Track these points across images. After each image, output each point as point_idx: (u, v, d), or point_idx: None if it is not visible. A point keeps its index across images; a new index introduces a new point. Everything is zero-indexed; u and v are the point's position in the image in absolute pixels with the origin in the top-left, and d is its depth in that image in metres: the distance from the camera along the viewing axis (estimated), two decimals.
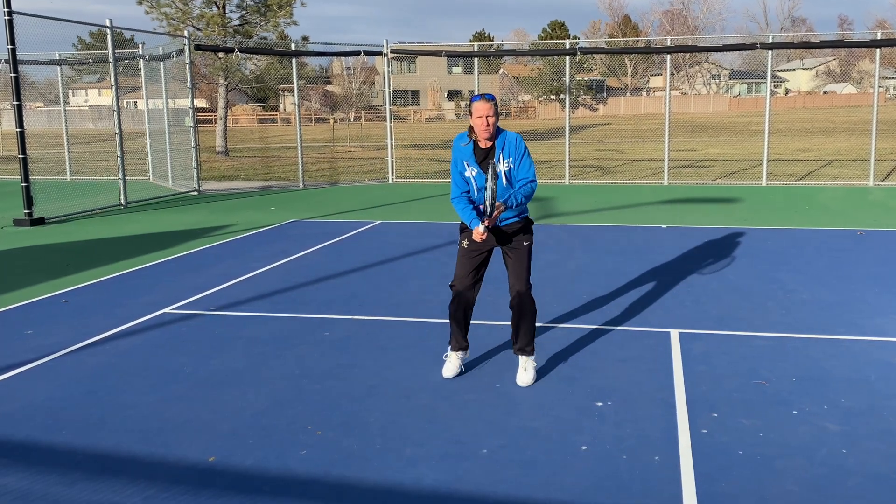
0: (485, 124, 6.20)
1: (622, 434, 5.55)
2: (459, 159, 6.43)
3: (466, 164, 6.38)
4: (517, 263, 6.50)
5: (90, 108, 76.06)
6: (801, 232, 13.64)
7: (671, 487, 4.77)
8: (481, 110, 6.20)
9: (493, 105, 6.23)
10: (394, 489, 4.81)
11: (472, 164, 6.36)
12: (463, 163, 6.41)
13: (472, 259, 6.53)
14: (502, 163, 6.30)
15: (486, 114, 6.19)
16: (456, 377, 6.71)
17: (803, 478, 4.87)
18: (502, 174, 6.29)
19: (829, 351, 7.29)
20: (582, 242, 12.90)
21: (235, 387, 6.60)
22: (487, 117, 6.19)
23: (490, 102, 6.22)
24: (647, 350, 7.39)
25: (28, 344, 7.85)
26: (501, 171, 6.29)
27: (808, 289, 9.61)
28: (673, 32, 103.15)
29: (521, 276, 6.49)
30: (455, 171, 6.49)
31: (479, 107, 6.22)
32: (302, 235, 14.00)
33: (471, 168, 6.37)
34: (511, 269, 6.54)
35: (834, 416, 5.79)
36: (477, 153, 6.38)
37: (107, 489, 4.83)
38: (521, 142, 6.39)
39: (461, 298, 6.60)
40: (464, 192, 6.48)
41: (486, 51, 30.20)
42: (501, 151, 6.31)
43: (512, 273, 6.54)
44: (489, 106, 6.20)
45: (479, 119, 6.21)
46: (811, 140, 37.83)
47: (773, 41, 21.71)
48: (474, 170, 6.35)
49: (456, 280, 6.59)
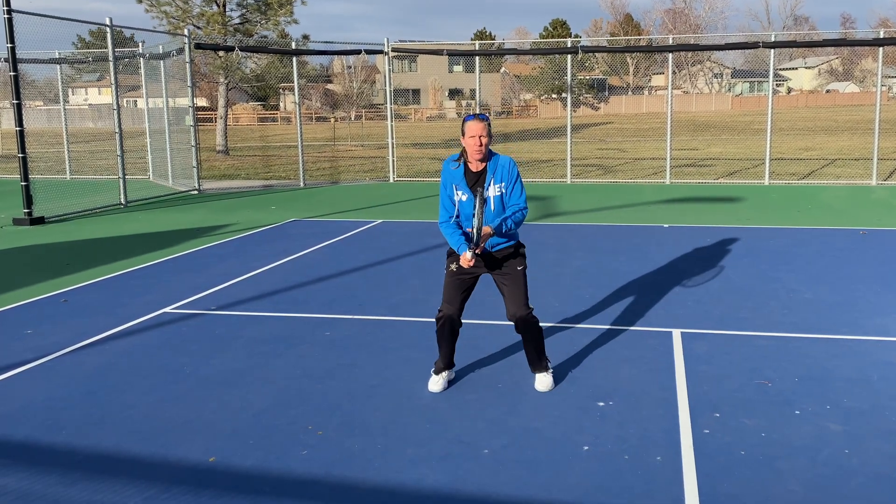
0: (478, 144, 6.01)
1: (624, 434, 5.55)
2: (449, 182, 6.25)
3: (455, 187, 6.20)
4: (513, 289, 6.28)
5: (90, 106, 76.03)
6: (803, 231, 13.64)
7: (673, 488, 4.78)
8: (474, 130, 6.02)
9: (487, 125, 6.04)
10: (395, 490, 4.82)
11: (461, 187, 6.17)
12: (452, 186, 6.22)
13: (459, 284, 6.34)
14: (493, 188, 6.12)
15: (480, 133, 6.00)
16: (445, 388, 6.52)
17: (806, 478, 4.87)
18: (491, 200, 6.12)
19: (831, 351, 7.28)
20: (583, 242, 12.89)
21: (236, 387, 6.60)
22: (481, 137, 6.00)
23: (484, 122, 6.03)
24: (649, 350, 7.39)
25: (27, 343, 7.86)
26: (491, 196, 6.11)
27: (810, 288, 9.60)
28: (675, 31, 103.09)
29: (518, 301, 6.26)
30: (444, 195, 6.30)
31: (473, 126, 6.02)
32: (302, 235, 14.00)
33: (460, 192, 6.18)
34: (507, 296, 6.32)
35: (836, 416, 5.79)
36: (468, 176, 6.19)
37: (107, 489, 4.83)
38: (515, 167, 6.19)
39: (448, 324, 6.38)
40: (452, 216, 6.29)
41: (487, 49, 30.22)
42: (493, 175, 6.12)
43: (509, 299, 6.31)
44: (483, 126, 6.01)
45: (472, 139, 6.02)
46: (814, 139, 37.81)
47: (776, 40, 21.71)
48: (464, 194, 6.16)
49: (443, 305, 6.36)
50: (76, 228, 15.26)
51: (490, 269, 6.33)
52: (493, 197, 6.12)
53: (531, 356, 6.49)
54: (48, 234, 14.55)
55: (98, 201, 18.81)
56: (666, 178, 22.11)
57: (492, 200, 6.12)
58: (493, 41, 72.44)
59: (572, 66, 23.27)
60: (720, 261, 11.19)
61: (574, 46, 23.21)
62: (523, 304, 6.26)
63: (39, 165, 29.03)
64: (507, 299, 6.32)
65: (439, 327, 6.41)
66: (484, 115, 6.12)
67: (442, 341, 6.46)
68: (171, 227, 15.19)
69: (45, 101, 52.48)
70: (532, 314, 6.31)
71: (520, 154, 32.46)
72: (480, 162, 6.14)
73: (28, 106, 28.68)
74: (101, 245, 13.36)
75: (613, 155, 32.23)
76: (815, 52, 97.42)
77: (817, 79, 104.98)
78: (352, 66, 76.80)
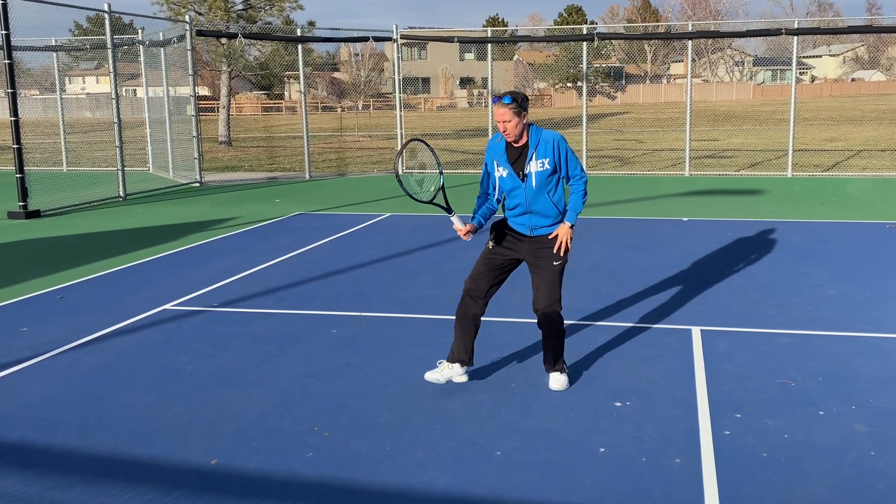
0: (503, 129, 6.05)
1: (642, 435, 5.54)
2: (490, 158, 6.30)
3: (497, 163, 6.24)
4: (543, 282, 6.27)
5: (87, 96, 76.21)
6: (827, 225, 13.60)
7: (693, 491, 4.76)
8: (497, 115, 6.05)
9: (511, 108, 5.98)
10: (405, 493, 4.81)
11: (502, 163, 6.20)
12: (493, 161, 6.27)
13: (490, 261, 6.36)
14: (534, 163, 6.12)
15: (503, 119, 6.01)
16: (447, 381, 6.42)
17: (831, 481, 4.85)
18: (533, 176, 6.13)
19: (856, 349, 7.26)
20: (599, 236, 12.88)
21: (239, 386, 6.61)
22: (504, 122, 6.01)
23: (507, 106, 5.98)
24: (667, 348, 7.38)
25: (22, 342, 7.87)
26: (533, 172, 6.12)
27: (834, 284, 9.58)
28: (694, 17, 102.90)
29: (545, 294, 6.24)
30: (484, 170, 6.38)
31: (497, 112, 6.06)
32: (308, 229, 14.01)
33: (501, 168, 6.21)
34: (536, 287, 6.31)
35: (862, 417, 5.78)
36: (510, 152, 6.22)
37: (105, 493, 4.84)
38: (561, 142, 6.16)
39: (467, 302, 6.34)
40: (486, 192, 6.39)
41: (499, 36, 30.17)
42: (535, 150, 6.13)
43: (537, 290, 6.30)
44: (505, 111, 5.99)
45: (499, 124, 6.06)
46: (838, 129, 37.71)
47: (799, 26, 21.65)
48: (504, 170, 6.19)
49: (469, 277, 6.40)
50: (73, 222, 15.29)
51: (527, 256, 6.33)
52: (534, 173, 6.14)
53: (548, 355, 6.48)
54: (44, 228, 14.58)
55: (96, 194, 18.84)
56: (685, 170, 22.06)
57: (533, 177, 6.14)
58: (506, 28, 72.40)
59: (588, 53, 23.23)
60: (741, 256, 11.16)
61: (590, 33, 23.18)
62: (550, 299, 6.25)
63: (35, 157, 29.07)
64: (535, 290, 6.33)
65: (460, 305, 6.40)
66: (509, 96, 6.02)
67: (456, 324, 6.42)
68: (171, 221, 15.21)
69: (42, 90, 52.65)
70: (557, 312, 6.29)
71: None
72: (516, 142, 6.18)
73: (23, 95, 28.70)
74: (98, 239, 13.39)
75: (631, 146, 32.20)
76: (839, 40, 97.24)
77: (842, 67, 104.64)
78: (359, 54, 76.86)
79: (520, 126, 6.08)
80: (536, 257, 6.30)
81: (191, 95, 21.87)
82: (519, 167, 6.16)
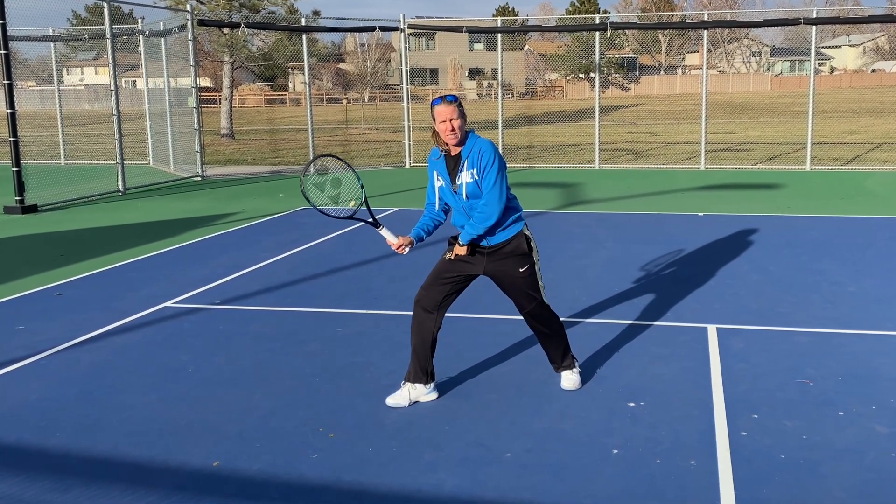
0: (449, 129, 5.90)
1: (656, 436, 5.53)
2: (432, 169, 6.22)
3: (437, 172, 6.16)
4: (515, 292, 6.19)
5: (86, 87, 76.31)
6: (847, 220, 13.58)
7: (708, 494, 4.76)
8: (444, 114, 5.90)
9: (458, 107, 5.93)
10: (411, 496, 4.81)
11: (441, 174, 6.12)
12: (434, 172, 6.20)
13: (443, 272, 6.19)
14: (465, 173, 5.99)
15: (450, 117, 5.89)
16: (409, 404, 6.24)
17: (850, 483, 4.84)
18: (463, 187, 5.99)
19: (877, 348, 7.25)
20: (613, 231, 12.87)
21: (241, 386, 6.61)
22: (451, 121, 5.89)
23: (453, 104, 5.91)
24: (682, 347, 7.37)
25: (19, 340, 7.88)
26: (463, 183, 5.98)
27: (854, 281, 9.56)
28: (710, 6, 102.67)
29: (520, 303, 6.20)
30: (429, 181, 6.31)
31: (441, 110, 5.91)
32: (313, 224, 14.01)
33: (440, 178, 6.14)
34: (510, 296, 6.25)
35: (883, 418, 5.76)
36: (448, 161, 6.11)
37: (104, 496, 4.84)
38: (490, 152, 5.95)
39: (420, 315, 6.17)
40: (430, 203, 6.33)
41: (510, 26, 30.17)
42: (466, 159, 5.99)
43: (513, 299, 6.24)
44: (452, 108, 5.91)
45: (443, 124, 5.91)
46: (858, 122, 37.64)
47: (818, 16, 21.60)
48: (443, 180, 6.12)
49: (421, 287, 6.26)
50: (71, 217, 15.31)
51: (485, 271, 6.16)
52: (464, 184, 6.00)
53: (551, 354, 6.47)
54: (41, 224, 14.60)
55: (95, 188, 18.87)
56: (701, 163, 22.03)
57: (464, 188, 6.01)
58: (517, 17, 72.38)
59: (601, 43, 23.20)
60: (758, 251, 11.14)
61: (603, 23, 23.15)
62: (531, 302, 6.19)
63: (32, 150, 29.08)
64: (512, 300, 6.27)
65: (412, 318, 6.24)
66: (452, 96, 6.00)
67: (412, 340, 6.24)
68: (172, 216, 15.23)
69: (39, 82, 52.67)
70: (545, 308, 6.25)
71: (545, 137, 32.46)
72: (457, 146, 6.03)
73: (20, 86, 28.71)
74: (97, 235, 13.41)
75: (644, 139, 32.16)
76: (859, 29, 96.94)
77: (862, 57, 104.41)
78: (365, 44, 76.76)
79: (464, 128, 6.00)
80: (498, 270, 6.15)
81: (192, 87, 21.88)
82: (454, 178, 6.06)
